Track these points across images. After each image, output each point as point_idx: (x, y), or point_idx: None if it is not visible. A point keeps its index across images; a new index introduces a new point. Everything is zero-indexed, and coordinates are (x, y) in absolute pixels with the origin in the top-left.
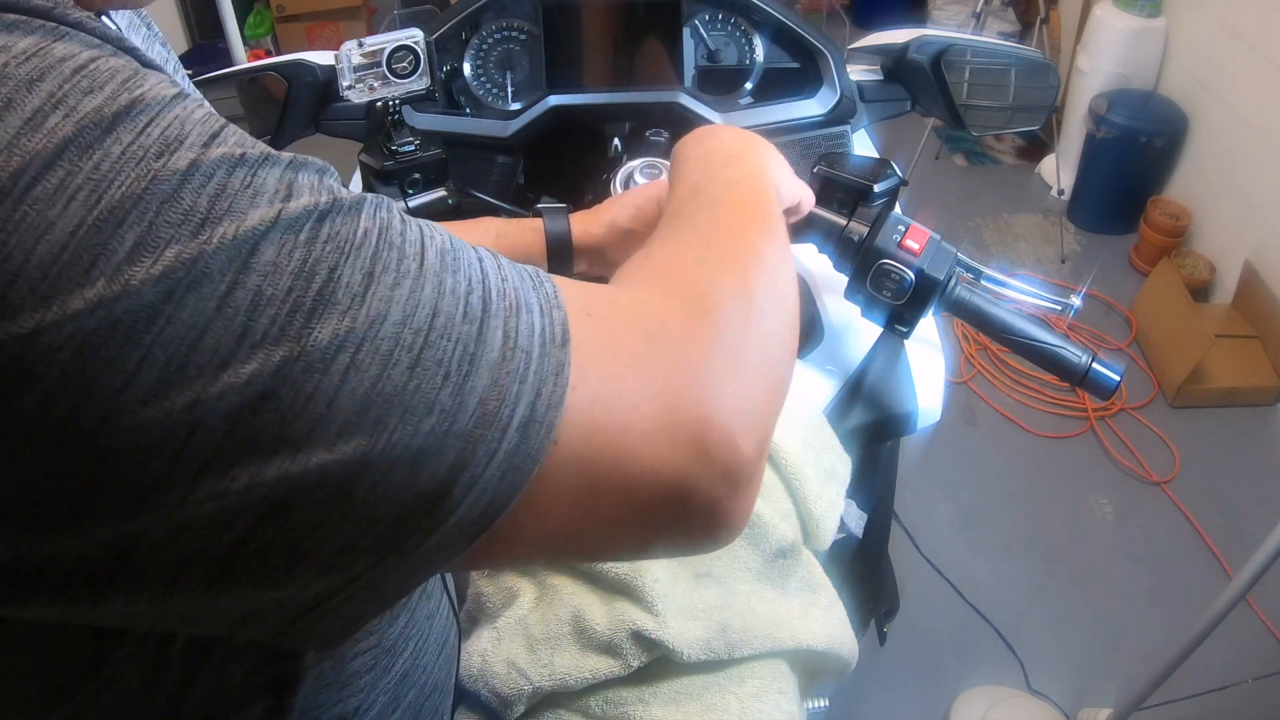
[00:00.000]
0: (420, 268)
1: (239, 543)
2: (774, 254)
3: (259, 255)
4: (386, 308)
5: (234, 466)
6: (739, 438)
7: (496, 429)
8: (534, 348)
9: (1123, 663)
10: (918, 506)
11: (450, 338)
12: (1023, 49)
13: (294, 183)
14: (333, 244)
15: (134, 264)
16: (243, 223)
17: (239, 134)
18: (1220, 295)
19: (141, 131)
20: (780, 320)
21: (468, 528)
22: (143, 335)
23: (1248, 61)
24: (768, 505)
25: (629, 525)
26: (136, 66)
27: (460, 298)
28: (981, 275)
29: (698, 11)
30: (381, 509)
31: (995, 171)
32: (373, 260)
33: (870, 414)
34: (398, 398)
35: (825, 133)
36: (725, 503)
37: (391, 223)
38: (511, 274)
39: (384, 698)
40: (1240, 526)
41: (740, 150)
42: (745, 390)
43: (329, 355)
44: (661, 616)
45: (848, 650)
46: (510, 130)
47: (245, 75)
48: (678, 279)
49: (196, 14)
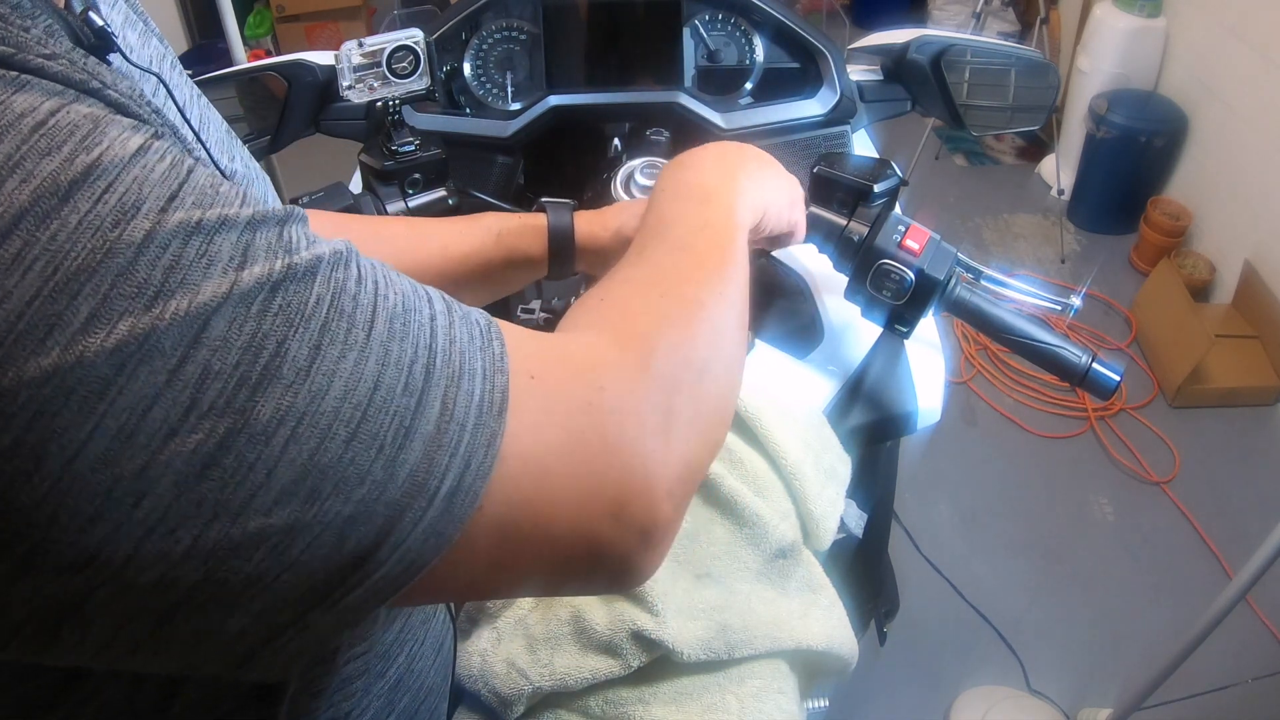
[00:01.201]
0: (368, 338)
1: (180, 600)
2: (724, 308)
3: (209, 330)
4: (329, 382)
5: (178, 530)
6: (660, 502)
7: (424, 498)
8: (469, 419)
9: (1123, 663)
10: (918, 506)
11: (388, 411)
12: (1023, 49)
13: (250, 246)
14: (282, 316)
15: (89, 335)
16: (195, 297)
17: (199, 189)
18: (1220, 295)
19: (99, 200)
20: (721, 381)
21: (391, 583)
22: (96, 405)
23: (1248, 61)
24: (768, 505)
25: (541, 576)
26: (99, 115)
27: (404, 369)
28: (981, 275)
29: (698, 11)
30: (313, 567)
31: (995, 171)
32: (320, 332)
33: (870, 414)
34: (333, 469)
35: (825, 133)
36: (636, 558)
37: (345, 286)
38: (461, 333)
39: (378, 702)
40: (1240, 526)
41: (718, 185)
42: (673, 455)
43: (271, 428)
44: (661, 616)
45: (848, 650)
46: (510, 130)
47: (245, 75)
48: (628, 329)
49: (196, 14)
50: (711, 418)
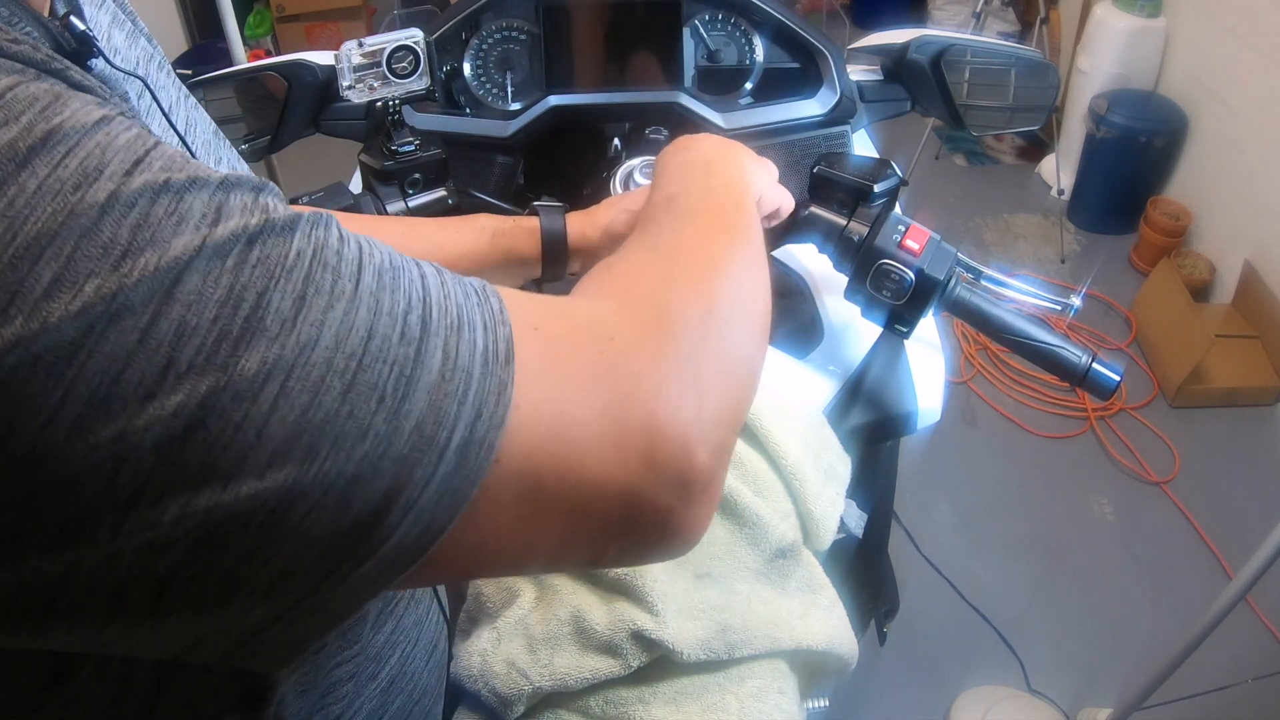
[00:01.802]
0: (356, 288)
1: (173, 572)
2: (742, 266)
3: (183, 285)
4: (318, 332)
5: (164, 497)
6: (694, 447)
7: (433, 453)
8: (475, 367)
9: (1123, 663)
10: (918, 506)
11: (386, 361)
12: (1023, 49)
13: (223, 205)
14: (262, 268)
15: (52, 300)
16: (165, 253)
17: (167, 156)
18: (1220, 295)
19: (58, 164)
20: (744, 332)
21: (406, 551)
22: (64, 371)
23: (1248, 61)
24: (768, 505)
25: (578, 538)
26: (59, 91)
27: (398, 318)
28: (981, 275)
29: (698, 11)
30: (316, 535)
31: (995, 171)
32: (305, 283)
33: (870, 414)
34: (329, 424)
35: (825, 133)
36: (679, 512)
37: (328, 241)
38: (455, 289)
39: (370, 704)
40: (1240, 526)
41: (719, 158)
42: (702, 400)
43: (257, 384)
44: (661, 616)
45: (848, 650)
46: (510, 130)
47: (245, 75)
48: (637, 291)
49: (196, 14)
50: (737, 369)
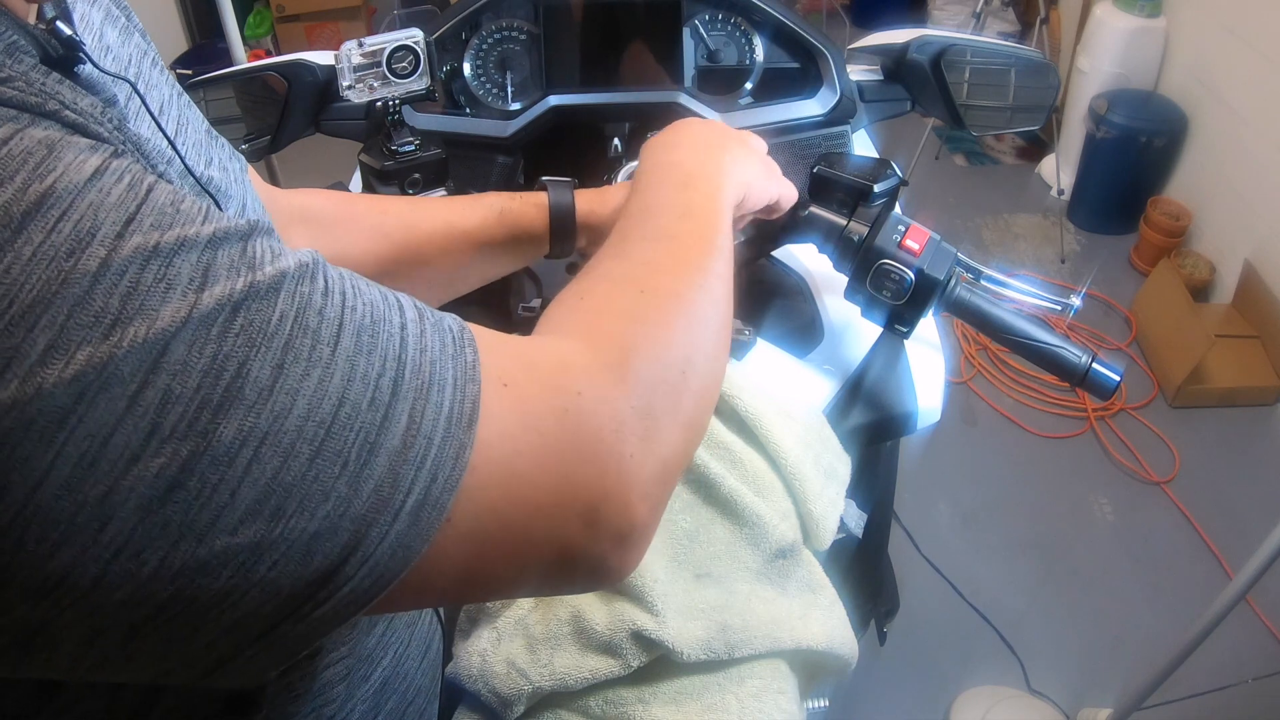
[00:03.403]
0: (333, 353)
1: (147, 618)
2: (711, 301)
3: (169, 355)
4: (293, 401)
5: (143, 552)
6: (635, 505)
7: (389, 513)
8: (437, 432)
9: (1123, 663)
10: (918, 506)
11: (353, 428)
12: (1023, 49)
13: (210, 266)
14: (244, 336)
15: (46, 366)
16: (154, 323)
17: (158, 209)
18: (1220, 295)
19: (52, 229)
20: (708, 377)
21: (360, 596)
22: (56, 435)
23: (1248, 61)
24: (768, 505)
25: (516, 581)
26: (54, 139)
27: (370, 383)
28: (981, 275)
29: (698, 11)
30: (280, 584)
31: (995, 171)
32: (284, 350)
33: (870, 414)
34: (297, 487)
35: (825, 133)
36: (612, 560)
37: (310, 301)
38: (433, 341)
39: (363, 705)
40: (1240, 526)
41: (700, 167)
42: (655, 458)
43: (234, 450)
44: (661, 616)
45: (848, 650)
46: (510, 130)
47: (245, 75)
48: (607, 331)
49: (196, 14)
50: (693, 413)
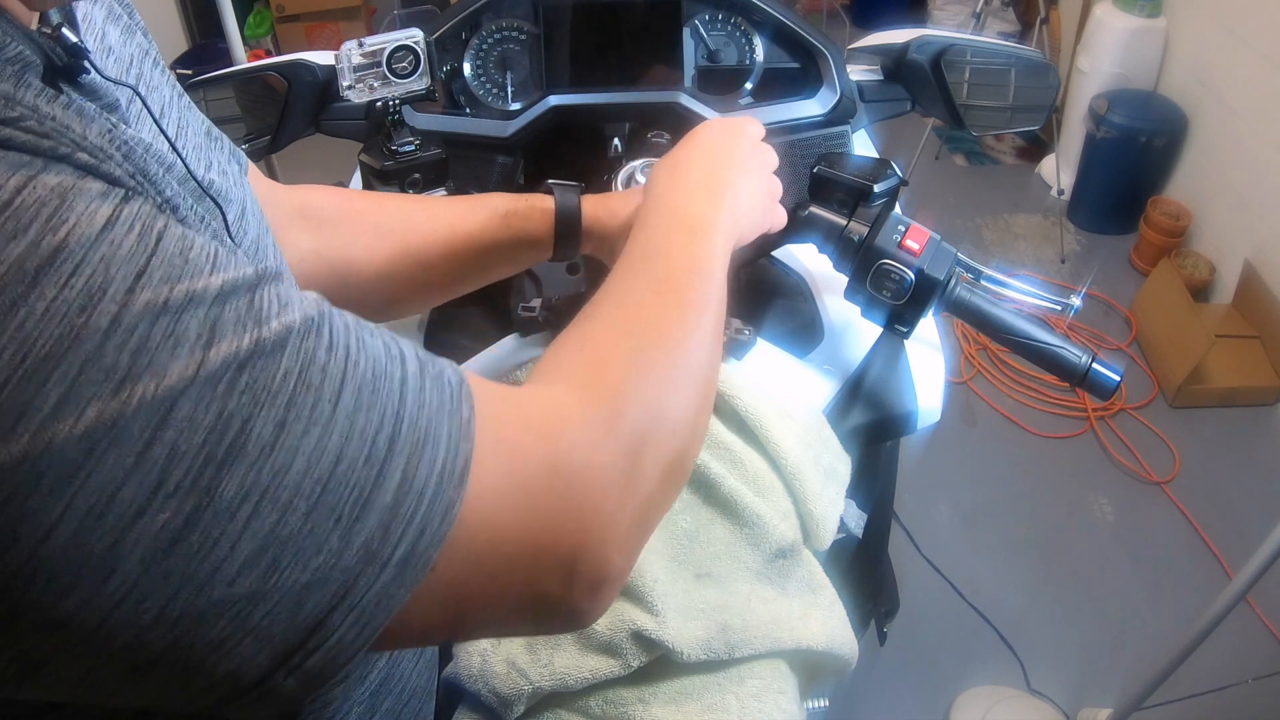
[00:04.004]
0: (334, 411)
1: (148, 661)
2: (700, 353)
3: (176, 412)
4: (292, 458)
5: (146, 600)
6: (611, 557)
7: (377, 565)
8: (428, 489)
9: (1123, 663)
10: (918, 506)
11: (348, 484)
12: (1023, 49)
13: (218, 321)
14: (249, 394)
15: (58, 420)
16: (162, 380)
17: (167, 261)
18: (1220, 295)
19: (65, 284)
20: (692, 426)
21: (347, 646)
22: (65, 489)
23: (1248, 61)
24: (768, 505)
25: (489, 625)
26: (66, 186)
27: (368, 440)
28: (981, 275)
29: (698, 11)
30: (273, 632)
31: (995, 171)
32: (286, 408)
33: (870, 414)
34: (292, 540)
35: (825, 133)
36: (584, 607)
37: (315, 357)
38: (431, 396)
39: (359, 708)
40: (1240, 526)
41: (705, 213)
42: (636, 509)
43: (235, 505)
44: (661, 616)
45: (848, 650)
46: (510, 130)
47: (245, 75)
48: (606, 382)
49: (196, 14)
50: (677, 466)
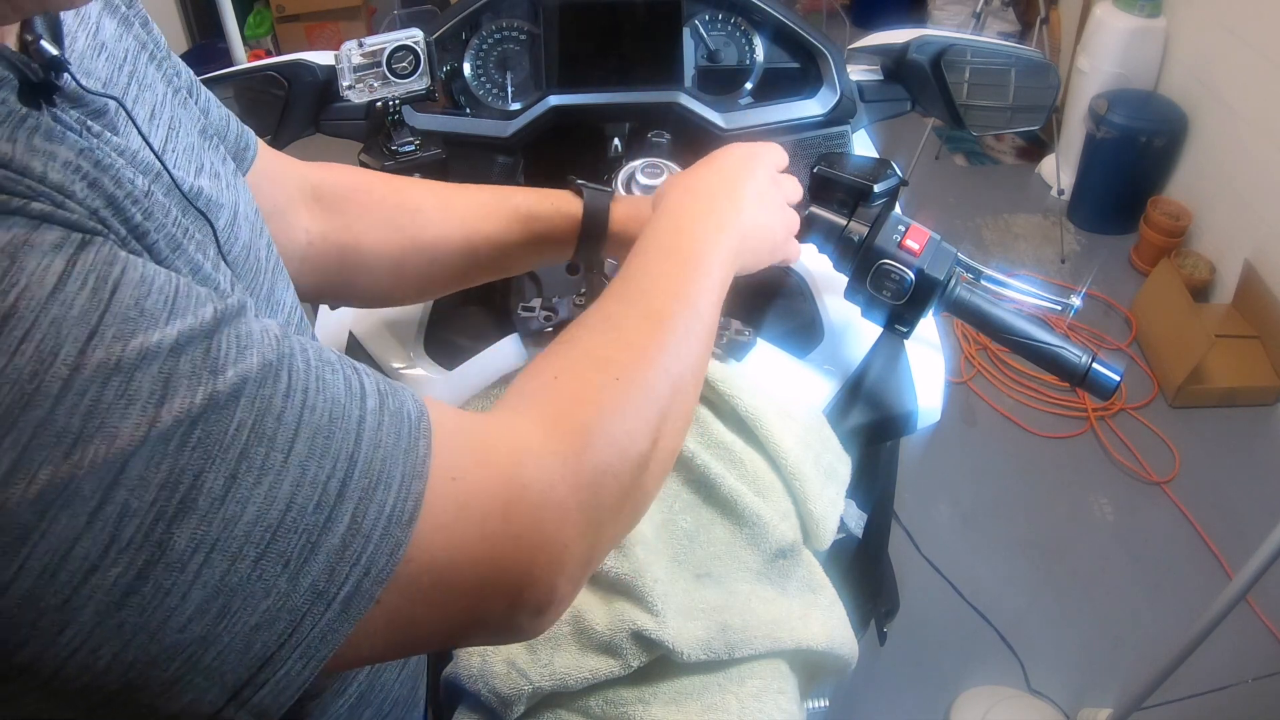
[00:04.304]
0: (286, 459)
1: (106, 699)
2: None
3: (128, 471)
4: (243, 508)
5: (100, 649)
6: (560, 587)
7: (323, 604)
8: (377, 530)
9: (1123, 663)
10: (918, 506)
11: (297, 530)
12: (1023, 49)
13: (172, 376)
14: (200, 449)
15: (10, 485)
16: (114, 442)
17: (121, 315)
18: (1220, 295)
19: (15, 351)
20: (661, 460)
21: (295, 678)
22: (18, 550)
23: (1248, 61)
24: (768, 505)
25: (435, 643)
26: (18, 242)
27: (318, 486)
28: (981, 275)
29: (698, 11)
30: (223, 671)
31: (995, 171)
32: (239, 460)
33: (870, 414)
34: (242, 586)
35: (825, 133)
36: (528, 628)
37: (270, 405)
38: (388, 436)
39: (338, 719)
40: (1240, 526)
41: (706, 245)
42: (589, 544)
43: (186, 556)
44: (661, 616)
45: (848, 650)
46: (510, 130)
47: (245, 75)
48: (577, 420)
49: (196, 14)
50: (638, 503)
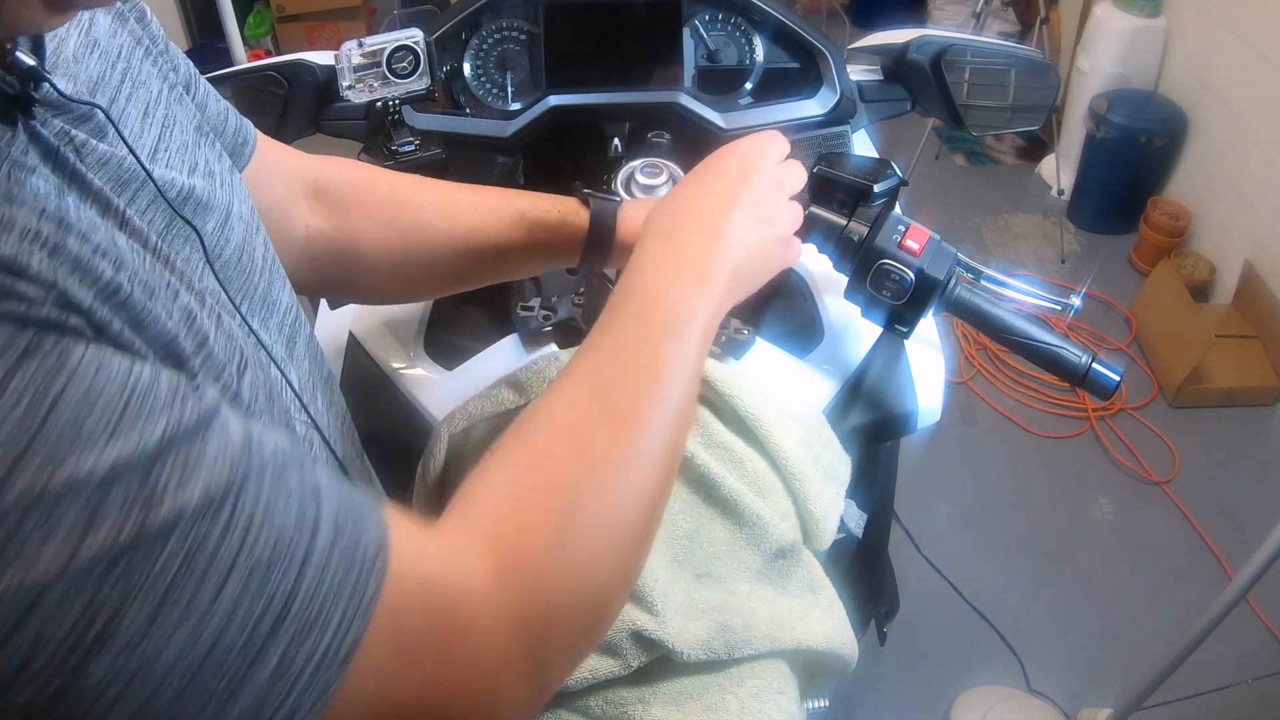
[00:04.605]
0: (216, 598)
1: None
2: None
3: (43, 601)
4: (164, 647)
5: None
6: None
7: None
8: (306, 672)
9: (1123, 663)
10: (918, 506)
11: (221, 671)
12: (1023, 49)
13: (99, 508)
14: (122, 585)
15: None
16: (30, 571)
17: (53, 440)
18: (1220, 295)
19: None
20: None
21: None
22: None
23: (1248, 61)
24: (768, 505)
25: None
26: None
27: (248, 626)
28: (981, 275)
29: (698, 11)
30: None
31: (995, 171)
32: (163, 596)
33: (870, 414)
34: (160, 718)
35: (825, 133)
36: None
37: (206, 542)
38: (334, 574)
39: None
40: (1240, 526)
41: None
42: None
43: (100, 688)
44: (661, 616)
45: (848, 650)
46: (510, 130)
47: (245, 75)
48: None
49: (196, 14)
50: (595, 629)
